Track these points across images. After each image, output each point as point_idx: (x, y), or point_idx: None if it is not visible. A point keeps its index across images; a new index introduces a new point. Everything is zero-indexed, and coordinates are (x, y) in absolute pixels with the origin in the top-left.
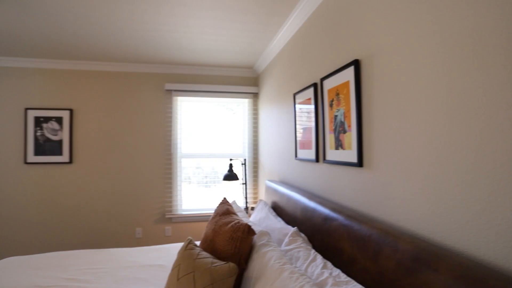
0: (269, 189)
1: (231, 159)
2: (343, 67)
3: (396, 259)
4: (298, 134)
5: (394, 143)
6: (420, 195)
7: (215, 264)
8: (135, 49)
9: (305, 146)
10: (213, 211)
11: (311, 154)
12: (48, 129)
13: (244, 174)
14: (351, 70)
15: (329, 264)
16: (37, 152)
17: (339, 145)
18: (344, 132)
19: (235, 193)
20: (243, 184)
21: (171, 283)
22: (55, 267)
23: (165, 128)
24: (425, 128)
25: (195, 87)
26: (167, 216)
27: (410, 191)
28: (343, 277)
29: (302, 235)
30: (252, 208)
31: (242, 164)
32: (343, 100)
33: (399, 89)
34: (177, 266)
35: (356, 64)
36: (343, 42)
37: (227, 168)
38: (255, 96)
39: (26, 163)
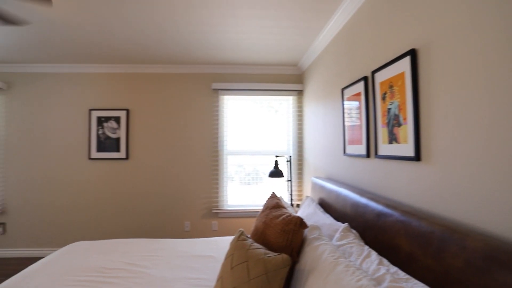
0: (315, 186)
1: (276, 156)
2: (397, 58)
3: (464, 257)
4: (346, 130)
5: (456, 136)
6: (492, 191)
7: (268, 255)
8: (184, 51)
9: (354, 141)
10: (257, 207)
11: (361, 149)
12: (108, 127)
13: (289, 171)
14: (406, 61)
15: (385, 260)
16: (99, 149)
17: (393, 139)
18: (399, 125)
19: (278, 190)
20: (288, 181)
21: (225, 271)
22: (116, 252)
23: (212, 126)
24: (492, 118)
25: (240, 85)
26: (213, 211)
27: (478, 186)
28: (402, 274)
29: (354, 231)
30: (298, 205)
31: (287, 161)
32: (397, 92)
33: (462, 78)
34: (230, 255)
35: (412, 53)
36: (397, 32)
37: (270, 166)
38: (299, 93)
39: (90, 158)
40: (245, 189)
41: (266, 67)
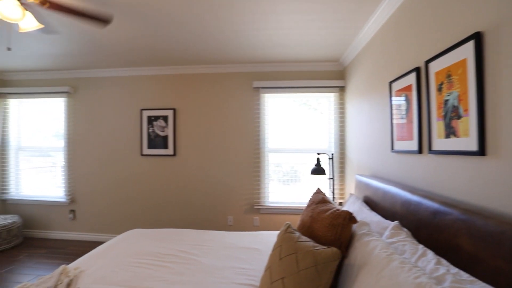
0: (360, 184)
1: (318, 153)
2: (458, 44)
3: None
4: (395, 125)
5: None
6: None
7: (317, 248)
8: (226, 50)
9: (404, 137)
10: (298, 205)
11: (412, 145)
12: (157, 126)
13: (331, 169)
14: (469, 46)
15: (443, 260)
16: (150, 146)
17: (450, 132)
18: (459, 117)
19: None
20: (330, 179)
21: (273, 261)
22: (169, 240)
23: (253, 124)
24: None
25: (281, 83)
26: (255, 207)
27: None
28: (465, 276)
29: (405, 229)
30: (340, 203)
31: (329, 158)
32: (457, 82)
33: None
34: (278, 247)
35: (477, 37)
36: (457, 14)
37: (309, 165)
38: (341, 89)
39: (142, 155)
40: (283, 189)
41: (307, 64)
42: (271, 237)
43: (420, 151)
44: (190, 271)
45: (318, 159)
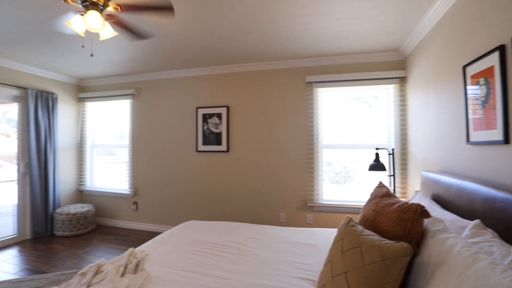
0: (427, 181)
1: (377, 149)
2: None
3: None
4: (471, 114)
5: None
6: None
7: (384, 242)
8: (278, 46)
9: (483, 126)
10: (355, 203)
11: (496, 134)
12: (212, 123)
13: (391, 165)
14: None
15: None
16: (204, 142)
17: None
18: None
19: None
20: (390, 176)
21: (334, 255)
22: (225, 232)
23: (306, 120)
24: None
25: (335, 76)
26: (308, 204)
27: None
28: None
29: (489, 229)
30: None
31: (389, 154)
32: None
33: None
34: (339, 240)
35: None
36: None
37: (364, 163)
38: (401, 80)
39: (197, 151)
40: (335, 188)
41: (363, 56)
42: (327, 234)
43: (506, 140)
44: (246, 261)
45: (377, 154)
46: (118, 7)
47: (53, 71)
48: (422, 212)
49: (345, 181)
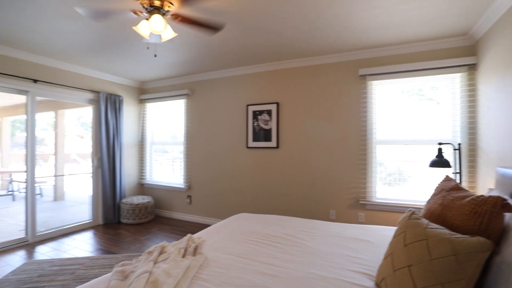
0: (503, 178)
1: (440, 144)
2: None
3: None
4: None
5: None
6: None
7: (455, 236)
8: (329, 39)
9: None
10: (413, 203)
11: None
12: (262, 120)
13: (457, 161)
14: None
15: None
16: (254, 139)
17: None
18: None
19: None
20: (456, 173)
21: (396, 248)
22: (276, 224)
23: (358, 114)
24: None
25: (392, 68)
26: (360, 202)
27: None
28: None
29: None
30: None
31: (454, 149)
32: None
33: None
34: (401, 233)
35: None
36: None
37: (422, 161)
38: (471, 68)
39: (247, 147)
40: (387, 190)
41: (424, 44)
42: (383, 231)
43: None
44: (299, 252)
45: (439, 149)
46: (179, 17)
47: (119, 76)
48: (503, 205)
49: (399, 180)
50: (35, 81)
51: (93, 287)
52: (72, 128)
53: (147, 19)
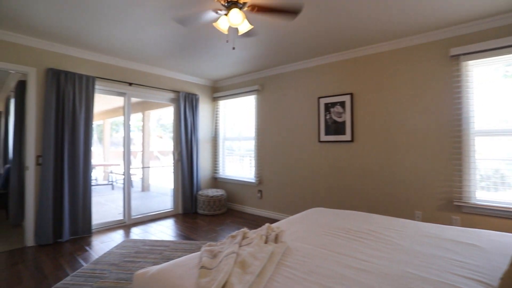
0: None
1: None
2: None
3: None
4: None
5: None
6: None
7: None
8: (410, 18)
9: None
10: None
11: None
12: (334, 112)
13: None
14: None
15: None
16: (327, 132)
17: None
18: None
19: None
20: None
21: None
22: (356, 220)
23: (450, 102)
24: None
25: (496, 42)
26: (455, 204)
27: None
28: None
29: None
30: None
31: None
32: None
33: None
34: None
35: None
36: None
37: None
38: None
39: (319, 141)
40: (486, 195)
41: None
42: (494, 236)
43: None
44: (388, 249)
45: None
46: (255, 7)
47: (196, 76)
48: None
49: (499, 186)
50: (130, 84)
51: (187, 261)
52: (153, 129)
53: (225, 15)
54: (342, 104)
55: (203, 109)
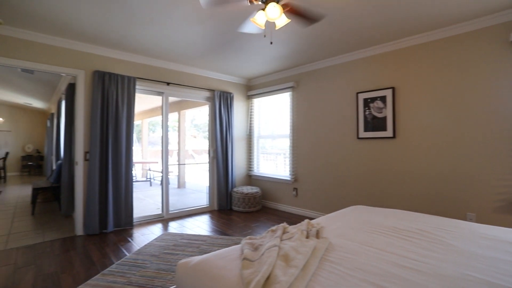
0: None
1: None
2: None
3: None
4: None
5: None
6: None
7: None
8: (461, 3)
9: None
10: None
11: None
12: (374, 108)
13: None
14: None
15: None
16: (366, 129)
17: None
18: None
19: None
20: None
21: None
22: (402, 218)
23: (510, 92)
24: None
25: None
26: None
27: None
28: None
29: None
30: None
31: None
32: None
33: None
34: None
35: None
36: None
37: None
38: None
39: (358, 138)
40: None
41: None
42: None
43: None
44: (440, 249)
45: None
46: (288, 6)
47: (230, 74)
48: None
49: None
50: (168, 83)
51: (228, 253)
52: (188, 129)
53: (262, 9)
54: (383, 98)
55: (238, 107)
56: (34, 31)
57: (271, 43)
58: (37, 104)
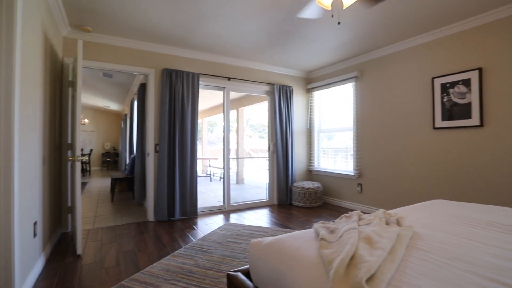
0: None
1: None
2: None
3: None
4: None
5: None
6: None
7: None
8: None
9: None
10: None
11: None
12: (455, 93)
13: None
14: None
15: None
16: (444, 118)
17: None
18: None
19: None
20: None
21: None
22: (493, 213)
23: None
24: None
25: None
26: None
27: None
28: None
29: None
30: None
31: None
32: None
33: None
34: None
35: None
36: None
37: None
38: None
39: (434, 128)
40: None
41: None
42: None
43: None
44: None
45: None
46: None
47: (289, 68)
48: None
49: None
50: (228, 78)
51: (302, 234)
52: (244, 130)
53: None
54: (466, 82)
55: (297, 101)
56: (114, 35)
57: (339, 23)
58: (113, 106)
